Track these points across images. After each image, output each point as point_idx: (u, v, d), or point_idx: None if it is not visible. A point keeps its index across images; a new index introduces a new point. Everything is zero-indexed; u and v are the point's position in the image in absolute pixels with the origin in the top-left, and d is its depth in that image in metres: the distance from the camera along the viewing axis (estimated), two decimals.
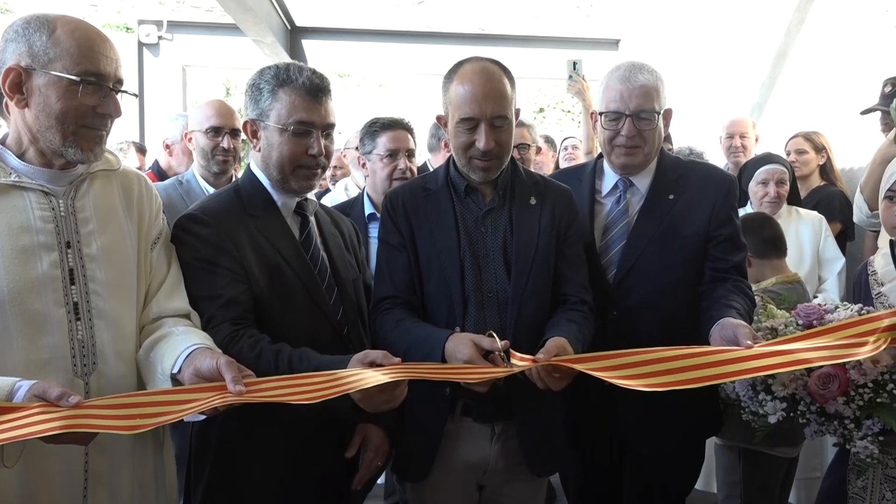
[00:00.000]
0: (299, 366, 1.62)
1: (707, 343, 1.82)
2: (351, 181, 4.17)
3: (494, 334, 1.68)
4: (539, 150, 3.74)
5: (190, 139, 2.99)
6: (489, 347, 1.67)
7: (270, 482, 1.78)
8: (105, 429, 1.32)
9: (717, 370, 1.61)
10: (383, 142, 2.81)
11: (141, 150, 5.37)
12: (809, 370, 1.84)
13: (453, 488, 1.97)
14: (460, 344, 1.69)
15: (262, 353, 1.64)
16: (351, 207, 2.96)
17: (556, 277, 1.94)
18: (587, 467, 2.27)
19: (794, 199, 3.43)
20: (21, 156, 1.51)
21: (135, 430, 1.33)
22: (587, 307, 1.94)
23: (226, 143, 2.90)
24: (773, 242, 2.71)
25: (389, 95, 15.86)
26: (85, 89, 1.47)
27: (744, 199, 3.36)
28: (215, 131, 2.89)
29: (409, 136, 2.89)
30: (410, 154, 2.85)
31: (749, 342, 1.68)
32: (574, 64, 3.73)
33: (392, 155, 2.81)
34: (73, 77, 1.45)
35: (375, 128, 2.86)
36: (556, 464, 2.08)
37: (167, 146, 3.73)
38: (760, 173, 3.27)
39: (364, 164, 2.92)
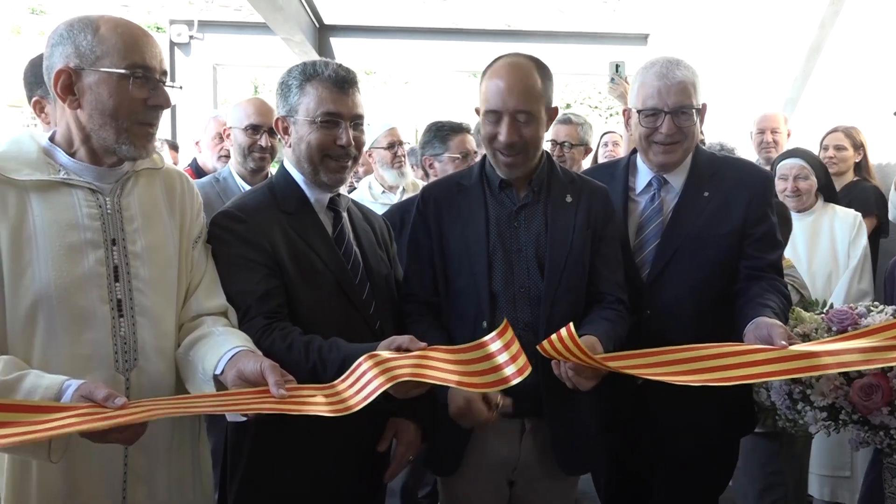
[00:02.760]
0: (329, 354, 1.64)
1: (741, 343, 1.80)
2: (374, 179, 4.19)
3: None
4: (588, 150, 3.70)
5: (228, 135, 3.02)
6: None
7: (303, 476, 1.80)
8: (154, 417, 1.35)
9: (752, 370, 1.59)
10: (455, 144, 3.04)
11: (174, 146, 5.47)
12: (849, 379, 1.81)
13: (483, 483, 1.97)
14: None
15: (294, 344, 1.67)
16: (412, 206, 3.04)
17: (592, 275, 1.94)
18: (619, 468, 2.26)
19: (830, 196, 3.38)
20: (71, 154, 1.54)
21: (183, 415, 1.37)
22: (623, 306, 1.94)
23: (263, 140, 2.92)
24: None
25: (415, 92, 15.88)
26: (135, 82, 1.49)
27: None
28: (254, 129, 2.92)
29: (474, 140, 3.09)
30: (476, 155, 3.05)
31: (784, 342, 1.66)
32: (617, 66, 3.68)
33: (465, 157, 3.02)
34: (123, 71, 1.47)
35: (445, 132, 3.07)
36: (587, 463, 2.07)
37: (196, 143, 3.81)
38: (779, 168, 3.31)
39: (431, 165, 3.12)
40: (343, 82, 1.80)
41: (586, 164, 3.99)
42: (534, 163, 1.94)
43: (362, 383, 1.47)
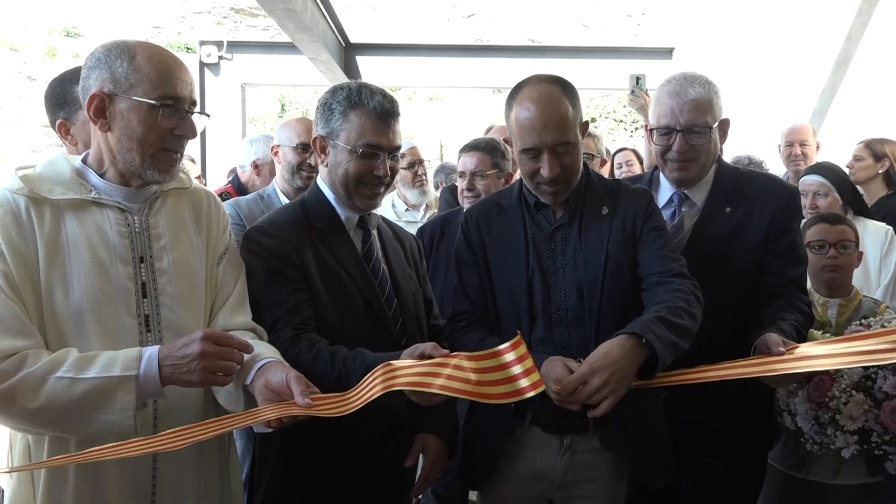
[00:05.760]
0: (353, 363, 1.66)
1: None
2: (397, 197, 4.22)
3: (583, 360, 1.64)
4: (604, 161, 3.68)
5: (276, 153, 3.07)
6: None
7: (328, 491, 1.81)
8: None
9: (745, 370, 1.70)
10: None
11: (191, 159, 5.59)
12: (877, 401, 1.82)
13: (519, 495, 1.95)
14: (553, 364, 1.66)
15: (320, 354, 1.70)
16: (455, 217, 3.05)
17: (642, 263, 1.85)
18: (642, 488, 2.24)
19: (860, 210, 3.32)
20: (102, 175, 1.59)
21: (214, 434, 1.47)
22: (681, 278, 1.80)
23: (313, 159, 2.98)
24: None
25: (440, 108, 15.99)
26: (164, 112, 1.54)
27: None
28: (304, 148, 2.97)
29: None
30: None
31: (781, 349, 1.69)
32: (637, 79, 3.70)
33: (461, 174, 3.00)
34: (153, 101, 1.52)
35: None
36: (665, 473, 1.96)
37: (257, 166, 3.77)
38: (800, 185, 3.30)
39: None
40: (387, 115, 1.83)
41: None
42: (576, 183, 1.90)
43: (366, 388, 1.51)
